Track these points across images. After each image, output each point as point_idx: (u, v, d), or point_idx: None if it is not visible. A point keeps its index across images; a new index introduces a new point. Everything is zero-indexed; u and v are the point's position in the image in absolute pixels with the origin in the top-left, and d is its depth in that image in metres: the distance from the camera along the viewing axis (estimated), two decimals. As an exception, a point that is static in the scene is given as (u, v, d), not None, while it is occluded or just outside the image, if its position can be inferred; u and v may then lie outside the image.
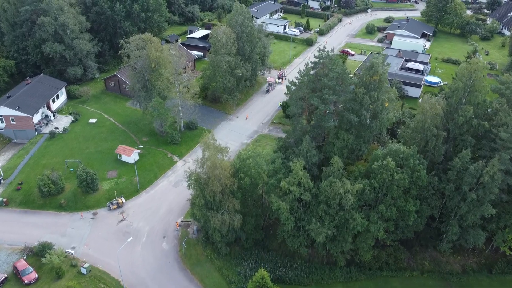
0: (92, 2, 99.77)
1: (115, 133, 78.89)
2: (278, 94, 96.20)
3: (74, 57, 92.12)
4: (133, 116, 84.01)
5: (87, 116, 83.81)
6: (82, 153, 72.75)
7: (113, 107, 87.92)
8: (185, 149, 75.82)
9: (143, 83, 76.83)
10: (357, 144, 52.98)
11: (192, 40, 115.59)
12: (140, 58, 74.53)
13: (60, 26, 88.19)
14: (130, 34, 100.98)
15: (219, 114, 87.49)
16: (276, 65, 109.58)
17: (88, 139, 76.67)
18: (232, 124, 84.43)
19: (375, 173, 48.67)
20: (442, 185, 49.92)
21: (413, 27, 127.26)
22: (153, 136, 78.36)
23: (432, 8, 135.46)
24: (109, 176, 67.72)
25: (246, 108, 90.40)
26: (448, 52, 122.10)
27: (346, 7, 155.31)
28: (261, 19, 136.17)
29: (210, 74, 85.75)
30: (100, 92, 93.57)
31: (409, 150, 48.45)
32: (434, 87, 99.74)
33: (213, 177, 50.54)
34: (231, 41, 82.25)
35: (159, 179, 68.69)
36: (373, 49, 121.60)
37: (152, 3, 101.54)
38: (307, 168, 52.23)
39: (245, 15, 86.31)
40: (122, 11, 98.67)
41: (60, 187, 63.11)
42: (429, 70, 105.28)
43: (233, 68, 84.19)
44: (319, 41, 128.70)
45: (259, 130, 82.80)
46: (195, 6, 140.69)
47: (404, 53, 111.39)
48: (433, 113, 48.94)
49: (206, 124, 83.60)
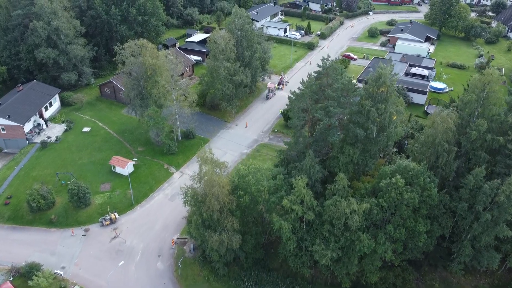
0: (87, 6, 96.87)
1: (110, 142, 75.90)
2: (278, 100, 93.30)
3: (68, 62, 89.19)
4: (129, 124, 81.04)
5: (81, 124, 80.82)
6: (74, 164, 69.76)
7: (108, 114, 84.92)
8: (182, 160, 72.82)
9: (138, 91, 73.91)
10: (363, 159, 49.99)
11: (191, 44, 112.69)
12: (136, 65, 71.58)
13: (53, 31, 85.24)
14: (127, 38, 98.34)
15: (217, 122, 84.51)
16: (277, 70, 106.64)
17: (81, 149, 73.68)
18: (231, 132, 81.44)
19: (382, 191, 45.69)
20: (453, 203, 46.92)
21: (416, 31, 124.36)
22: (149, 145, 75.39)
23: (436, 11, 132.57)
24: (102, 189, 64.72)
25: (246, 116, 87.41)
26: (453, 56, 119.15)
27: (348, 9, 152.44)
28: (261, 22, 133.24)
29: (209, 81, 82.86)
30: (95, 99, 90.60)
31: (419, 167, 45.46)
32: (440, 93, 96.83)
33: (210, 194, 47.56)
34: (230, 47, 79.32)
35: (154, 192, 65.68)
36: (376, 53, 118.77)
37: (149, 7, 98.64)
38: (310, 184, 49.28)
39: (245, 20, 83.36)
40: (118, 14, 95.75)
41: (51, 201, 60.13)
42: (434, 75, 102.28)
43: (232, 74, 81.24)
44: (321, 45, 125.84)
45: (259, 139, 79.82)
46: (194, 9, 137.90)
47: (408, 57, 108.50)
48: (445, 128, 45.93)
49: (204, 132, 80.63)
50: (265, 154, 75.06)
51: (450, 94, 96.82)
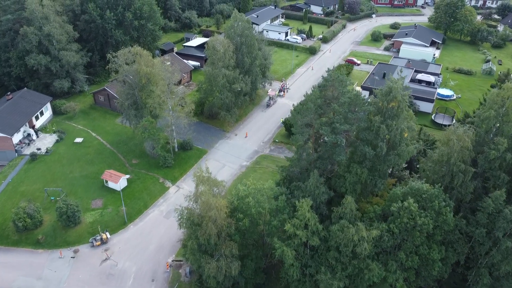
0: (81, 10, 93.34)
1: (103, 154, 72.31)
2: (279, 108, 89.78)
3: (60, 69, 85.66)
4: (123, 134, 77.46)
5: (73, 135, 77.24)
6: (65, 178, 66.18)
7: (102, 124, 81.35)
8: (178, 173, 69.23)
9: (133, 100, 70.38)
10: (372, 179, 46.43)
11: (189, 49, 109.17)
12: (130, 73, 68.04)
13: (45, 36, 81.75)
14: (122, 43, 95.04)
15: (216, 131, 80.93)
16: (278, 76, 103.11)
17: (72, 161, 70.09)
18: (230, 143, 77.87)
19: (394, 215, 42.15)
20: (470, 228, 43.37)
21: (421, 35, 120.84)
22: (144, 158, 71.83)
23: (441, 14, 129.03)
24: (94, 206, 61.13)
25: (246, 125, 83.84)
26: (459, 61, 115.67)
27: (350, 12, 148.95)
28: (262, 25, 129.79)
29: (207, 88, 79.34)
30: (89, 107, 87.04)
31: (433, 190, 41.90)
32: (447, 100, 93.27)
33: (207, 218, 43.99)
34: (229, 53, 75.81)
35: (149, 208, 62.09)
36: (380, 58, 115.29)
37: (145, 11, 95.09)
38: (315, 206, 45.73)
39: (245, 25, 79.79)
40: (113, 19, 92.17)
41: (38, 220, 56.53)
42: (440, 81, 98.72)
43: (232, 82, 77.71)
44: (323, 49, 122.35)
45: (260, 150, 76.24)
46: (193, 12, 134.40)
47: (413, 63, 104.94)
48: (461, 146, 42.38)
49: (202, 143, 77.05)
50: (265, 167, 71.47)
51: (457, 102, 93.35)
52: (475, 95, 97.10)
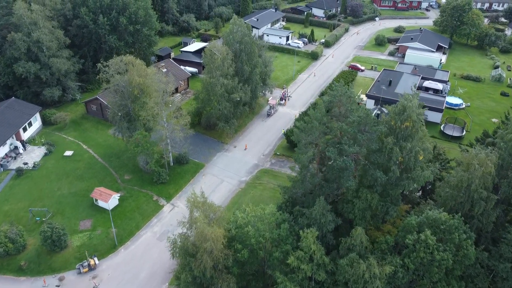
0: (73, 15, 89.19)
1: (94, 169, 68.19)
2: (280, 118, 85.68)
3: (50, 77, 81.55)
4: (115, 147, 73.32)
5: (63, 147, 73.12)
6: (52, 196, 62.07)
7: (94, 135, 77.22)
8: (173, 189, 65.12)
9: (125, 112, 66.30)
10: (383, 205, 42.32)
11: (186, 54, 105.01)
12: (122, 84, 63.95)
13: (34, 43, 77.64)
14: (117, 49, 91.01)
15: (214, 143, 76.80)
16: (279, 83, 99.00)
17: (61, 177, 65.97)
18: (229, 156, 73.73)
19: (408, 248, 38.03)
20: (493, 262, 39.25)
21: (427, 39, 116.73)
22: (137, 173, 67.72)
23: (447, 18, 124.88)
24: (82, 228, 57.00)
25: (245, 136, 79.70)
26: (466, 67, 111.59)
27: (352, 15, 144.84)
28: (262, 29, 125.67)
29: (204, 98, 75.13)
30: (81, 117, 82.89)
31: (453, 221, 37.77)
32: (456, 109, 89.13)
33: (202, 249, 39.92)
34: (228, 62, 71.69)
35: (141, 229, 57.94)
36: (384, 64, 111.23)
37: (141, 15, 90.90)
38: (321, 235, 41.67)
39: (244, 31, 75.65)
40: (107, 24, 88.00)
41: (21, 245, 52.41)
42: (448, 89, 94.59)
43: (230, 92, 73.62)
44: (325, 54, 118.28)
45: (260, 164, 72.10)
46: (191, 15, 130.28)
47: (419, 69, 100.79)
48: (483, 172, 38.26)
49: (199, 156, 72.93)
50: (266, 182, 67.34)
51: (466, 111, 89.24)
52: (485, 103, 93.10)
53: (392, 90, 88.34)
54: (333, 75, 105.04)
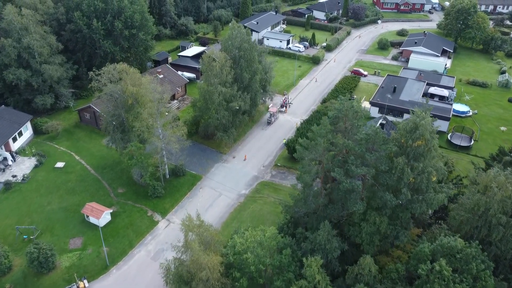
0: (66, 19, 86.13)
1: (86, 181, 65.15)
2: (281, 126, 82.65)
3: (42, 84, 78.52)
4: (109, 158, 70.28)
5: (54, 158, 70.07)
6: (42, 211, 59.02)
7: (87, 145, 74.17)
8: (169, 204, 62.07)
9: (119, 122, 63.26)
10: (393, 229, 39.28)
11: (184, 59, 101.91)
12: (115, 93, 60.96)
13: (24, 49, 74.61)
14: (112, 54, 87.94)
15: (212, 153, 73.75)
16: (279, 89, 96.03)
17: (51, 190, 62.93)
18: (227, 167, 70.68)
19: (421, 279, 34.98)
20: (513, 293, 36.25)
21: (432, 43, 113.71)
22: (131, 186, 64.68)
23: (452, 21, 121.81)
24: (72, 247, 53.94)
25: (244, 145, 76.65)
26: (472, 72, 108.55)
27: (354, 18, 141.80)
28: (262, 33, 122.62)
29: (201, 106, 72.02)
30: (74, 125, 79.83)
31: (470, 249, 34.74)
32: (462, 117, 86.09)
33: (198, 278, 36.89)
34: (227, 69, 68.68)
35: (135, 248, 54.86)
36: (387, 69, 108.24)
37: (136, 19, 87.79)
38: (325, 261, 38.63)
39: (243, 37, 72.59)
40: (102, 28, 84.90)
41: (6, 266, 49.38)
42: (454, 96, 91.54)
43: (229, 100, 70.64)
44: (327, 59, 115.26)
45: (260, 176, 69.04)
46: (189, 18, 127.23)
47: (424, 75, 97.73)
48: (502, 196, 35.22)
49: (196, 167, 69.89)
50: (266, 196, 64.28)
51: (474, 118, 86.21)
52: (492, 110, 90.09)
53: (396, 97, 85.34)
54: (335, 80, 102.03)
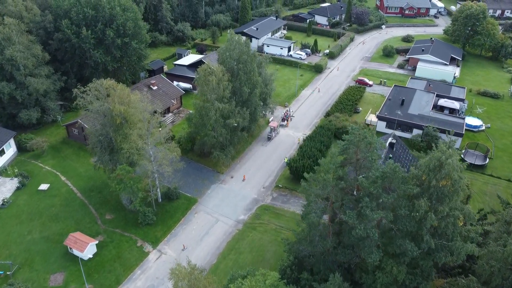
0: (54, 27, 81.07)
1: (71, 206, 60.12)
2: (282, 141, 77.64)
3: (28, 97, 73.59)
4: (97, 178, 65.20)
5: (38, 179, 65.10)
6: (21, 242, 53.99)
7: (75, 163, 69.16)
8: (161, 232, 57.03)
9: (107, 142, 58.24)
10: (412, 280, 34.23)
11: (180, 68, 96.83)
12: (102, 111, 56.03)
13: (7, 60, 69.65)
14: (103, 64, 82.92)
15: (208, 173, 68.72)
16: (280, 100, 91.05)
17: (33, 217, 57.91)
18: (225, 188, 65.64)
19: None
20: None
21: (439, 51, 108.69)
22: (120, 211, 59.68)
23: (460, 27, 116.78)
24: (52, 284, 48.88)
25: (243, 164, 71.62)
26: (482, 81, 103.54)
27: (358, 23, 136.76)
28: (262, 39, 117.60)
29: (197, 122, 66.98)
30: (61, 141, 74.83)
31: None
32: (475, 132, 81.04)
33: None
34: (224, 84, 63.69)
35: (122, 285, 49.74)
36: (393, 78, 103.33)
37: (129, 27, 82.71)
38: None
39: (242, 48, 67.59)
40: (92, 37, 79.82)
41: (-23, 309, 44.41)
42: (465, 108, 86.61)
43: (227, 116, 65.64)
44: (329, 67, 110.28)
45: (260, 199, 64.01)
46: (186, 24, 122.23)
47: (433, 85, 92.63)
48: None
49: (191, 189, 64.88)
50: (267, 222, 59.22)
51: (487, 133, 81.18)
52: (506, 123, 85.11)
53: (405, 110, 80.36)
54: (339, 90, 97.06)
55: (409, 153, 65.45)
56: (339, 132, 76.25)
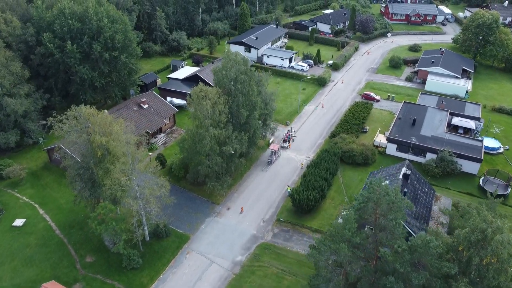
0: (36, 40, 74.73)
1: (48, 246, 53.73)
2: (284, 165, 71.29)
3: (5, 119, 67.42)
4: (79, 212, 58.73)
5: (13, 212, 58.78)
6: (-12, 291, 47.69)
7: (55, 193, 62.83)
8: (148, 277, 50.61)
9: (87, 176, 51.83)
10: None
11: (174, 83, 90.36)
12: (81, 144, 49.69)
13: (-19, 80, 63.44)
14: (90, 80, 76.60)
15: (202, 204, 62.35)
16: (281, 118, 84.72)
17: (4, 260, 51.54)
18: (220, 223, 59.21)
19: None
20: None
21: (450, 62, 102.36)
22: (103, 252, 53.28)
23: (471, 37, 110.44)
24: None
25: (241, 192, 65.22)
26: (496, 95, 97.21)
27: (362, 31, 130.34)
28: (261, 50, 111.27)
29: (190, 148, 60.56)
30: (42, 167, 68.50)
31: None
32: (493, 154, 74.62)
33: None
34: (220, 107, 57.36)
35: None
36: (402, 92, 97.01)
37: (118, 40, 76.32)
38: None
39: (240, 67, 61.22)
40: (77, 51, 73.42)
41: None
42: (481, 127, 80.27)
43: (223, 142, 59.27)
44: (333, 79, 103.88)
45: (259, 235, 57.57)
46: (181, 33, 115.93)
47: (446, 101, 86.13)
48: None
49: (183, 223, 58.53)
50: (267, 265, 52.74)
51: (505, 155, 74.78)
52: (525, 145, 78.61)
53: (416, 131, 74.00)
54: (343, 106, 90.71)
55: (425, 184, 59.24)
56: (346, 156, 70.09)
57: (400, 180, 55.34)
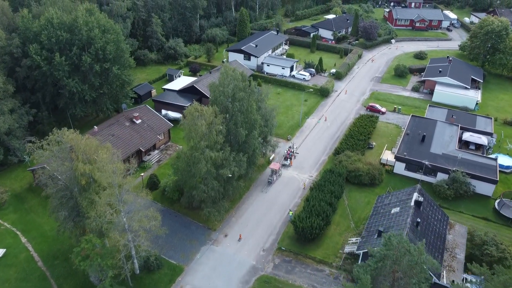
0: (22, 52, 70.37)
1: (29, 281, 49.33)
2: (285, 185, 66.90)
3: (-13, 137, 63.00)
4: (64, 240, 54.30)
5: (-7, 241, 54.38)
6: (-40, 335, 43.27)
7: (39, 219, 58.46)
8: (137, 317, 46.27)
9: (71, 205, 47.44)
10: None
11: (170, 94, 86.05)
12: (64, 172, 45.34)
13: (-39, 96, 59.06)
14: (79, 94, 72.23)
15: (198, 230, 57.93)
16: (282, 132, 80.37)
17: (-20, 297, 47.20)
18: (217, 252, 54.77)
19: None
20: None
21: (459, 72, 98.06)
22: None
23: (479, 45, 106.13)
24: None
25: (240, 216, 60.80)
26: (507, 107, 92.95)
27: (365, 37, 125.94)
28: (261, 58, 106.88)
29: (184, 170, 56.08)
30: (26, 188, 64.16)
31: None
32: (507, 173, 70.24)
33: None
34: (216, 128, 52.98)
35: None
36: (409, 104, 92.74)
37: (110, 51, 71.94)
38: None
39: (238, 83, 56.87)
40: (66, 63, 69.07)
41: None
42: (493, 143, 75.95)
43: (220, 165, 54.86)
44: (337, 89, 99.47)
45: (259, 266, 53.10)
46: (178, 40, 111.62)
47: (456, 115, 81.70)
48: None
49: (177, 253, 54.11)
50: (268, 303, 48.38)
51: (520, 174, 70.33)
52: (540, 162, 74.10)
53: (426, 148, 69.61)
54: (348, 119, 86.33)
55: (438, 211, 54.86)
56: (351, 176, 65.71)
57: (412, 207, 51.07)
